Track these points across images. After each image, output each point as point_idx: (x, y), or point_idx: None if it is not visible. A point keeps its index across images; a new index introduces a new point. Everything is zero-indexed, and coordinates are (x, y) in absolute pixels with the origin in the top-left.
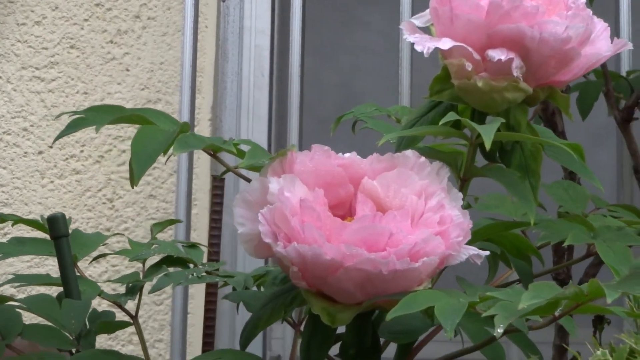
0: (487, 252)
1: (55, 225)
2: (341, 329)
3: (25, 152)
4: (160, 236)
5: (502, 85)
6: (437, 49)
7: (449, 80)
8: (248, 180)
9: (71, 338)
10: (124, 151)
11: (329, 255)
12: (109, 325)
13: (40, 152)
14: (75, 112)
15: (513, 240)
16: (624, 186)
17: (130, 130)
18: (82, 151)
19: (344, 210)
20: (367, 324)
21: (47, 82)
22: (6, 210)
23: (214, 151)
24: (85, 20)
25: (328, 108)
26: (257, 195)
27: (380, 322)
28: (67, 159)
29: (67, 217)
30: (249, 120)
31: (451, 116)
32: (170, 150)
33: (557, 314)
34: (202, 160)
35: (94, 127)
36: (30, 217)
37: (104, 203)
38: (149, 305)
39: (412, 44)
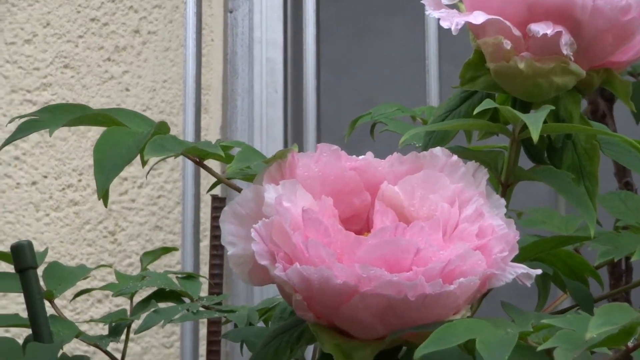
0: (539, 271)
1: (21, 256)
2: None
3: (18, 183)
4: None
5: (549, 67)
6: (467, 28)
7: (483, 66)
8: None
9: None
10: (125, 179)
11: (340, 279)
12: None
13: (33, 183)
14: (29, 115)
15: (566, 259)
16: None
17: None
18: (79, 180)
19: (360, 224)
20: None
21: (40, 105)
22: None
23: (200, 158)
24: (80, 37)
25: (347, 125)
26: (250, 208)
27: None
28: (63, 189)
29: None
30: (263, 141)
31: (488, 103)
32: (150, 163)
33: (630, 344)
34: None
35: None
36: None
37: (105, 237)
38: (158, 349)
39: (439, 51)
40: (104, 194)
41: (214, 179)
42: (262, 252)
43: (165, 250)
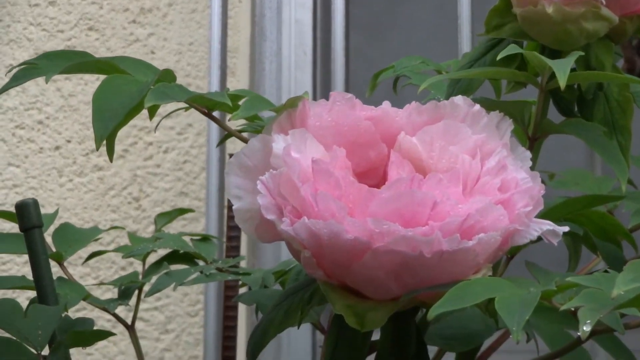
0: (566, 228)
1: (25, 215)
2: (376, 334)
3: (41, 148)
4: (186, 239)
5: (579, 12)
6: None
7: (509, 12)
8: None
9: (35, 353)
10: (150, 143)
11: (351, 234)
12: (82, 335)
13: (57, 148)
14: (27, 62)
15: (598, 220)
16: None
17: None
18: (104, 145)
19: (376, 178)
20: (409, 327)
21: None
22: None
23: (207, 108)
24: None
25: (378, 90)
26: (257, 159)
27: (427, 324)
28: (87, 154)
29: (79, 215)
30: None
31: (512, 49)
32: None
33: None
34: (239, 149)
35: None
36: None
37: (129, 202)
38: (182, 317)
39: (472, 12)
40: (106, 145)
41: (241, 144)
42: (268, 205)
43: (181, 211)
